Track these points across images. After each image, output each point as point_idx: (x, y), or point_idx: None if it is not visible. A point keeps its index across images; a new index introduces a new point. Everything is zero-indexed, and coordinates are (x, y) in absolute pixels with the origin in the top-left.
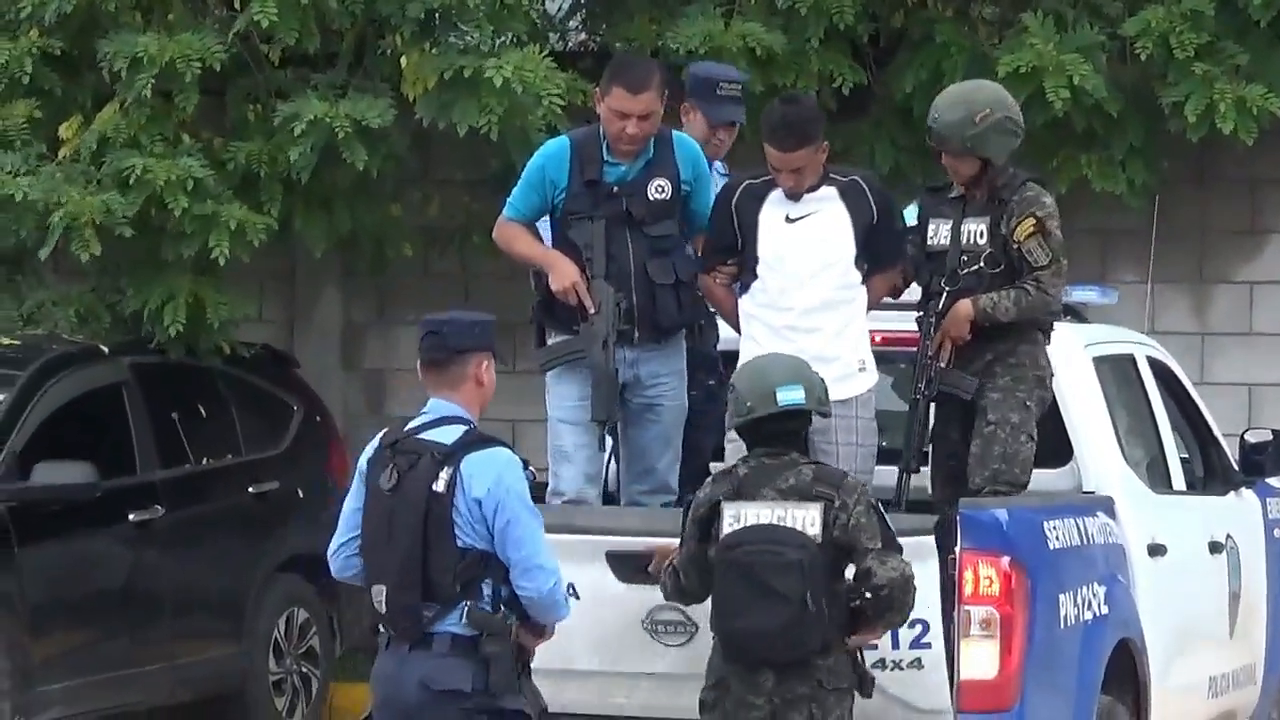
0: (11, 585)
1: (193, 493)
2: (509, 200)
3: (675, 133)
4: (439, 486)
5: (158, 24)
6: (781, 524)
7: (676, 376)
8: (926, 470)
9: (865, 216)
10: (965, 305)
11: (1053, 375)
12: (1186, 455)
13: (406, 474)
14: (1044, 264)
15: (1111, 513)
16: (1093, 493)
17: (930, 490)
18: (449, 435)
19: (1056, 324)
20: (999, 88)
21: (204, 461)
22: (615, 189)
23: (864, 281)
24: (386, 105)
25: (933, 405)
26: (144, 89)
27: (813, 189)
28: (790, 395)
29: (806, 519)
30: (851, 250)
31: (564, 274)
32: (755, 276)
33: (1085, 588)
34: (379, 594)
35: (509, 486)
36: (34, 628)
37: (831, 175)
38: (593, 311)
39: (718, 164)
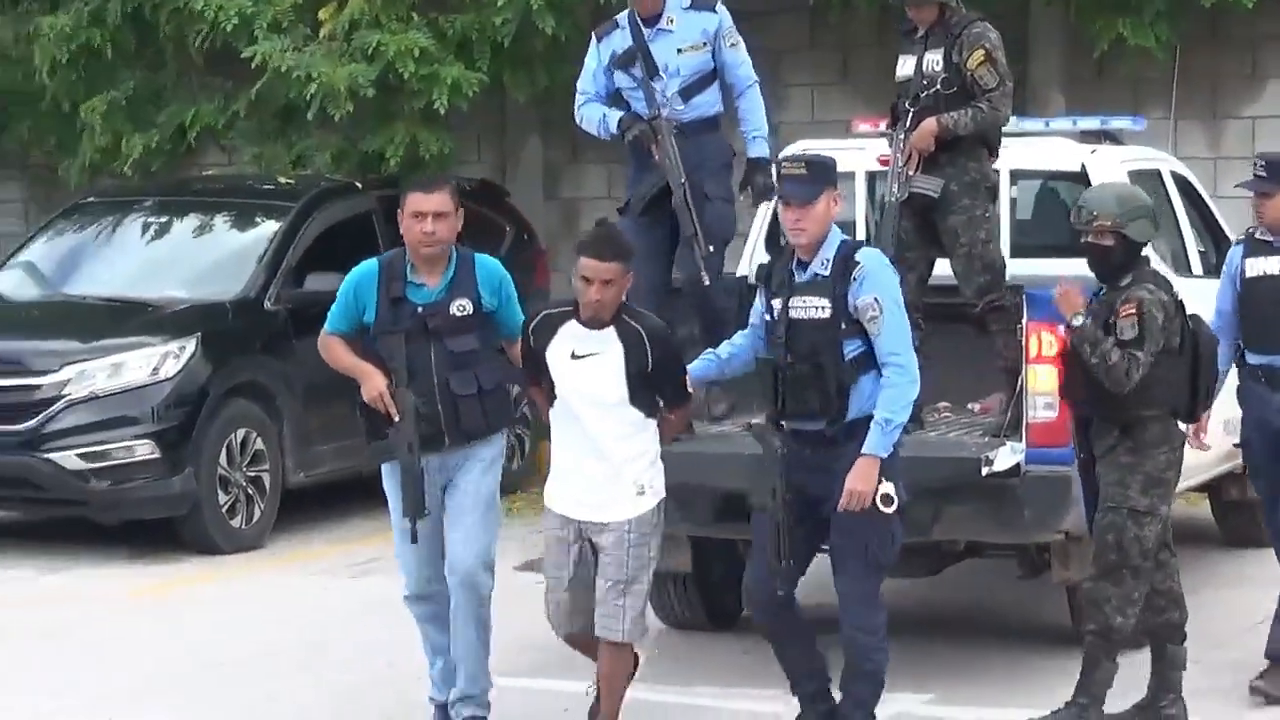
0: (292, 369)
1: None
2: (329, 316)
3: (477, 255)
4: None
5: None
6: None
7: (478, 464)
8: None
9: (639, 364)
10: (930, 122)
11: (998, 181)
12: (1203, 249)
13: None
14: (993, 86)
15: None
16: None
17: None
18: None
19: (1099, 146)
20: None
21: None
22: (419, 308)
23: (658, 413)
24: None
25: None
26: None
27: (603, 325)
28: None
29: None
30: (624, 392)
31: (372, 385)
32: (556, 396)
33: None
34: None
35: None
36: (308, 402)
37: (623, 317)
38: (396, 418)
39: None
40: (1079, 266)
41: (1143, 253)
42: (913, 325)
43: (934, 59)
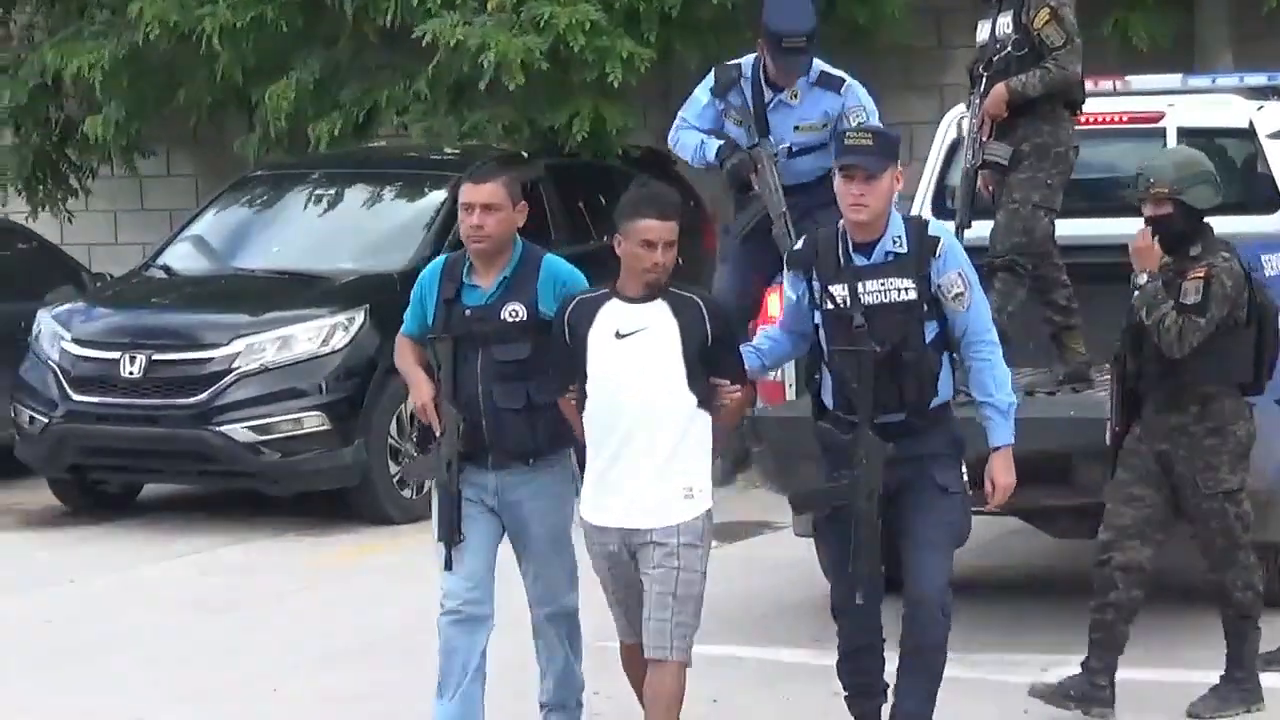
0: None
1: (598, 264)
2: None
3: (548, 256)
4: None
5: None
6: None
7: (545, 499)
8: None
9: (699, 338)
10: (1000, 88)
11: (1076, 148)
12: None
13: None
14: (1060, 44)
15: None
16: None
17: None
18: None
19: (1266, 102)
20: None
21: (604, 239)
22: (468, 311)
23: (710, 402)
24: None
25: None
26: None
27: (649, 298)
28: None
29: None
30: (680, 370)
31: (416, 395)
32: (588, 395)
33: None
34: None
35: None
36: None
37: (671, 289)
38: (439, 433)
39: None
40: (1246, 224)
41: (1205, 220)
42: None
43: (1005, 22)
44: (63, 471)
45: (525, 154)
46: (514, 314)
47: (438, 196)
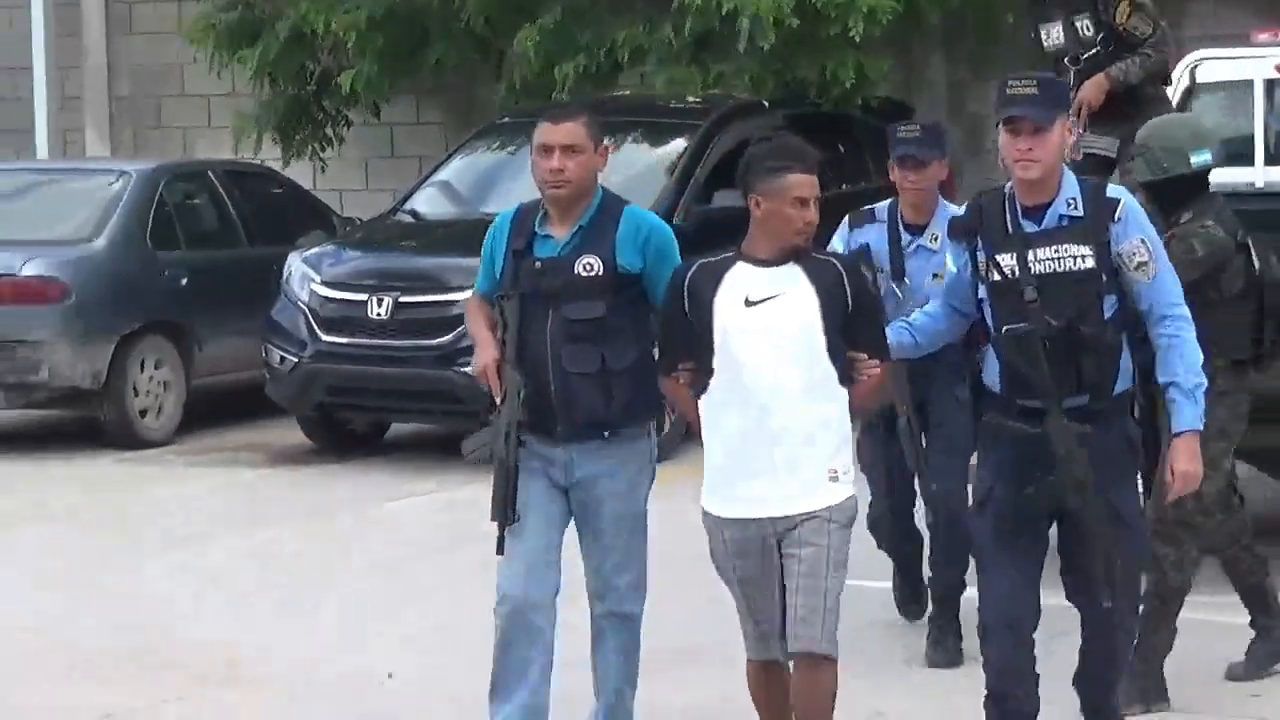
0: None
1: (841, 211)
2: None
3: (629, 207)
4: None
5: None
6: None
7: (622, 480)
8: None
9: (838, 302)
10: (1100, 77)
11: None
12: None
13: None
14: (1150, 33)
15: None
16: None
17: None
18: None
19: None
20: None
21: (843, 187)
22: (539, 263)
23: (846, 379)
24: None
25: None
26: None
27: (781, 261)
28: (1202, 158)
29: None
30: (821, 340)
31: (479, 357)
32: (713, 372)
33: None
34: None
35: None
36: None
37: (807, 251)
38: (499, 400)
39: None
40: None
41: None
42: None
43: (1085, 24)
44: (311, 410)
45: (765, 103)
46: (589, 267)
47: (679, 143)
